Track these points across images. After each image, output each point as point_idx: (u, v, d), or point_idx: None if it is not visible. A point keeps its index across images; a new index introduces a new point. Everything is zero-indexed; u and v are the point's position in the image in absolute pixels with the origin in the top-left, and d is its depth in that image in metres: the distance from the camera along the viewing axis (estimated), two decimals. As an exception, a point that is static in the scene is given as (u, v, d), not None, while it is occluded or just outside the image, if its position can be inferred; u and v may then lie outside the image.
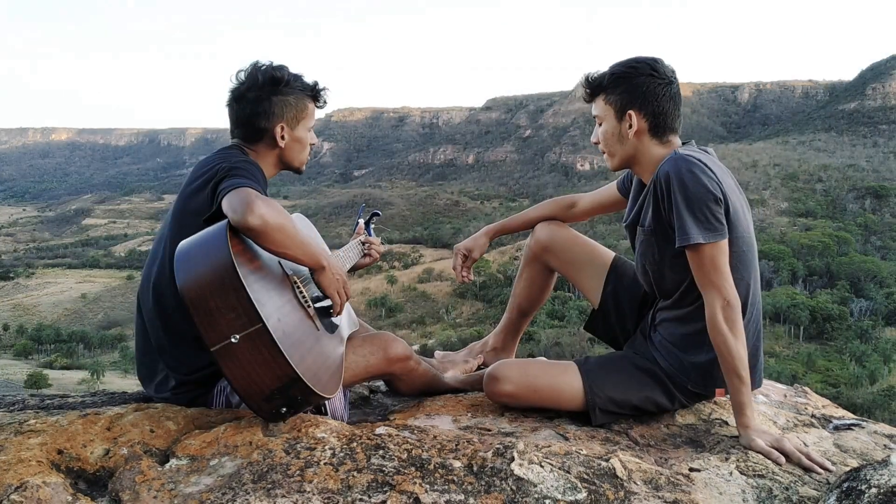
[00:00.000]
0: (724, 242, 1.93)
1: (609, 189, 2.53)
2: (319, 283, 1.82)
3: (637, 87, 2.04)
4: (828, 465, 1.84)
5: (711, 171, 1.94)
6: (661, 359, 2.14)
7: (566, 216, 2.59)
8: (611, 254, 2.49)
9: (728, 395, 2.04)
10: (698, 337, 2.05)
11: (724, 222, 1.92)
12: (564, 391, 2.12)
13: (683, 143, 2.12)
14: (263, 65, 2.04)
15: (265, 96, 2.02)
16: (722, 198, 1.92)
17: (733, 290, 1.92)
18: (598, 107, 2.12)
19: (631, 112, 2.05)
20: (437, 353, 2.85)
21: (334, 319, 2.00)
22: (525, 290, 2.64)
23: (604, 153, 2.18)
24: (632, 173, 2.31)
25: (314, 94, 2.13)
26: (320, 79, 2.16)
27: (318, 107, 2.17)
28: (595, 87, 2.12)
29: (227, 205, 1.65)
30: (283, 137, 2.06)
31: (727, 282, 1.92)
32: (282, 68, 2.06)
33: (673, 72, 2.07)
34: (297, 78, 2.09)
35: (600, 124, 2.15)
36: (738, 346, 1.90)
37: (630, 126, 2.06)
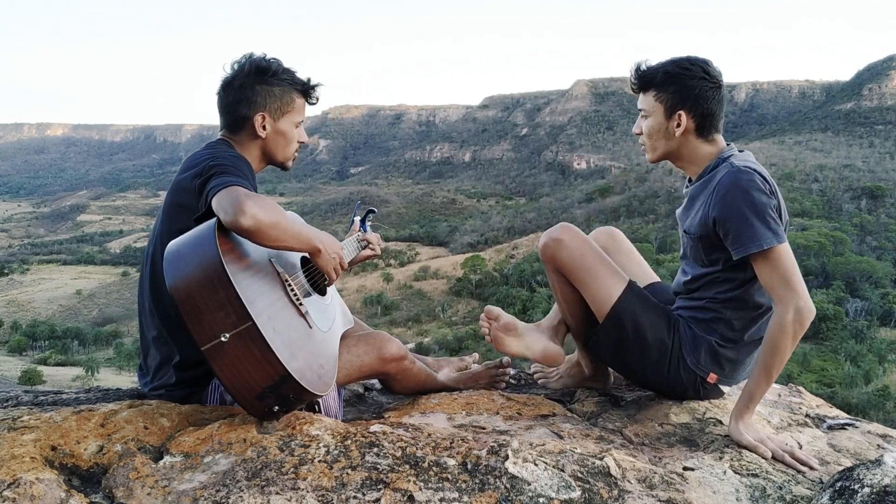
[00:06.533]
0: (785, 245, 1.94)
1: None
2: (317, 264, 1.83)
3: (690, 88, 2.08)
4: (814, 463, 1.85)
5: (768, 181, 1.99)
6: (680, 326, 2.19)
7: None
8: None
9: (719, 380, 2.16)
10: (713, 324, 2.13)
11: (781, 225, 1.96)
12: (603, 279, 2.17)
13: (728, 144, 2.16)
14: (254, 56, 2.04)
15: (249, 84, 2.02)
16: (777, 206, 1.97)
17: (807, 295, 1.90)
18: (647, 101, 2.16)
19: (681, 112, 2.10)
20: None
21: (328, 318, 2.00)
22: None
23: (643, 145, 2.22)
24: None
25: (304, 89, 2.11)
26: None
27: (309, 103, 2.15)
28: (647, 81, 2.15)
29: (217, 205, 1.63)
30: (263, 128, 2.05)
31: (803, 284, 1.91)
32: (272, 60, 2.05)
33: (721, 75, 2.11)
34: (288, 71, 2.07)
35: (645, 117, 2.18)
36: (789, 352, 1.90)
37: (678, 125, 2.11)
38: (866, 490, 1.41)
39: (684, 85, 2.08)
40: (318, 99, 2.16)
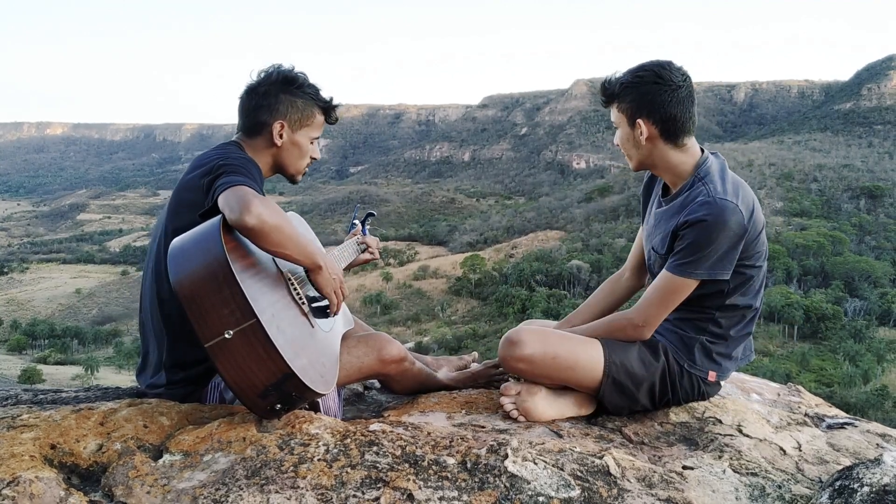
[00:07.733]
0: (694, 284, 2.03)
1: (638, 239, 2.48)
2: (316, 282, 1.82)
3: (643, 96, 2.09)
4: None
5: (742, 212, 1.99)
6: (663, 339, 2.20)
7: (624, 288, 2.51)
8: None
9: (718, 377, 2.20)
10: (700, 323, 2.16)
11: (729, 268, 2.02)
12: (583, 360, 2.12)
13: (701, 150, 2.17)
14: (283, 66, 2.08)
15: (274, 92, 2.05)
16: (742, 238, 2.00)
17: (654, 328, 2.13)
18: (614, 114, 2.19)
19: (639, 120, 2.11)
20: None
21: (329, 318, 2.00)
22: None
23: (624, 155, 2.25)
24: (642, 201, 2.42)
25: (326, 107, 2.14)
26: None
27: (328, 122, 2.18)
28: (609, 95, 2.18)
29: (223, 202, 1.64)
30: (280, 136, 2.06)
31: (661, 317, 2.11)
32: (300, 73, 2.09)
33: (682, 75, 2.09)
34: (313, 86, 2.11)
35: (617, 129, 2.21)
36: (595, 334, 2.17)
37: (641, 133, 2.12)
38: (866, 489, 1.41)
39: (639, 93, 2.09)
40: (336, 119, 2.20)
